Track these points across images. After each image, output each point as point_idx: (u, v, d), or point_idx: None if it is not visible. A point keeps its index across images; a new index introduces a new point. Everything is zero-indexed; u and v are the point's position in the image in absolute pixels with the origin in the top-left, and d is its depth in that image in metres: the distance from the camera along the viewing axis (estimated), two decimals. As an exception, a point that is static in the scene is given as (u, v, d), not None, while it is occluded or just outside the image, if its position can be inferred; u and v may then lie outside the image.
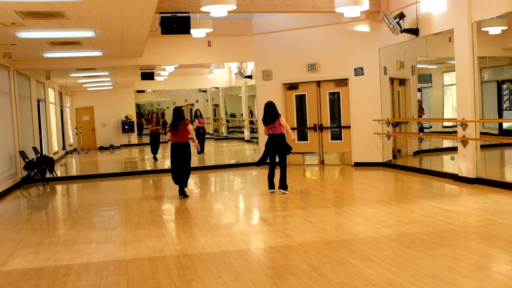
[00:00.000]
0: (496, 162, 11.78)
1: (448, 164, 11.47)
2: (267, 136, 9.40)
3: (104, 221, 7.76)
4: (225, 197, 9.85)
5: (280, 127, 9.19)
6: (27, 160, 12.17)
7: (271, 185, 9.38)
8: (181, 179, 9.53)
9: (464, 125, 9.39)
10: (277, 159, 9.37)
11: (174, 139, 9.46)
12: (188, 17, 10.16)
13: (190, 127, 9.49)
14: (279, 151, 9.28)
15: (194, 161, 15.27)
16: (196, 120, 16.31)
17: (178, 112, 9.62)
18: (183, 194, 9.50)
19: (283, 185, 9.26)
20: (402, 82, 12.92)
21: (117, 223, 7.58)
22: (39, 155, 12.97)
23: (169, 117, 18.16)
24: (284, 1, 10.99)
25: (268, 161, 9.48)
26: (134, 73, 15.46)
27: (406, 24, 10.68)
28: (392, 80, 12.65)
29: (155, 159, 16.03)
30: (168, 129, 9.65)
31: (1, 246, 6.56)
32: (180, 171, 9.48)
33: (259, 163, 9.83)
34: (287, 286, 4.47)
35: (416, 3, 10.52)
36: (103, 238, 6.71)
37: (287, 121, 9.92)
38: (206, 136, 17.25)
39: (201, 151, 16.14)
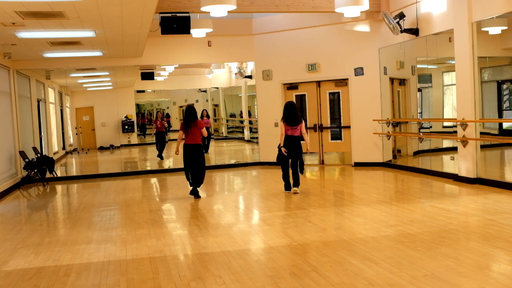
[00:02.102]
0: (496, 162, 11.78)
1: (448, 164, 11.47)
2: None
3: (104, 221, 7.76)
4: (225, 197, 9.85)
5: (298, 130, 9.06)
6: (27, 160, 12.17)
7: (289, 186, 9.28)
8: (195, 180, 9.24)
9: (464, 125, 9.39)
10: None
11: (186, 140, 9.11)
12: (188, 17, 10.17)
13: (204, 130, 9.14)
14: (296, 153, 9.08)
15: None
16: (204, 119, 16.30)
17: (190, 111, 9.17)
18: (195, 195, 9.27)
19: (298, 183, 9.21)
20: (402, 82, 12.92)
21: (117, 223, 7.58)
22: (39, 155, 12.97)
23: (174, 117, 18.19)
24: (284, 1, 10.99)
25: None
26: (134, 73, 15.47)
27: (406, 24, 10.68)
28: (392, 80, 12.65)
29: (161, 157, 16.04)
30: (180, 127, 9.21)
31: (1, 246, 6.56)
32: (195, 172, 9.19)
33: (282, 168, 9.31)
34: (287, 286, 4.47)
35: (416, 3, 10.52)
36: (103, 238, 6.71)
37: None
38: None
39: (205, 150, 16.20)
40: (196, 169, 9.17)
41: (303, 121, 9.23)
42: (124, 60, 13.34)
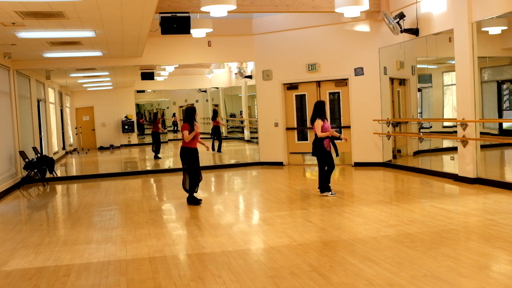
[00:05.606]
0: (496, 162, 11.78)
1: (448, 164, 11.47)
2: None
3: (104, 221, 7.76)
4: (225, 197, 9.84)
5: (315, 130, 8.88)
6: (27, 160, 12.16)
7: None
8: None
9: (464, 125, 9.39)
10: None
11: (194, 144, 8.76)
12: (188, 17, 10.16)
13: (185, 134, 8.53)
14: (314, 153, 8.99)
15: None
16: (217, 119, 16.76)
17: (186, 112, 8.75)
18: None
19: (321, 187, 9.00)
20: (402, 82, 12.92)
21: (117, 223, 7.58)
22: (39, 155, 12.97)
23: (168, 116, 18.24)
24: (284, 1, 10.99)
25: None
26: (134, 73, 15.47)
27: (406, 24, 10.67)
28: (392, 80, 12.65)
29: (158, 157, 16.08)
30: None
31: (1, 246, 6.56)
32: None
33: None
34: (287, 286, 4.47)
35: (416, 3, 10.52)
36: (103, 238, 6.71)
37: (287, 122, 9.88)
38: (201, 136, 17.43)
39: (218, 149, 16.57)
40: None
41: (316, 119, 8.90)
42: (124, 60, 13.34)
